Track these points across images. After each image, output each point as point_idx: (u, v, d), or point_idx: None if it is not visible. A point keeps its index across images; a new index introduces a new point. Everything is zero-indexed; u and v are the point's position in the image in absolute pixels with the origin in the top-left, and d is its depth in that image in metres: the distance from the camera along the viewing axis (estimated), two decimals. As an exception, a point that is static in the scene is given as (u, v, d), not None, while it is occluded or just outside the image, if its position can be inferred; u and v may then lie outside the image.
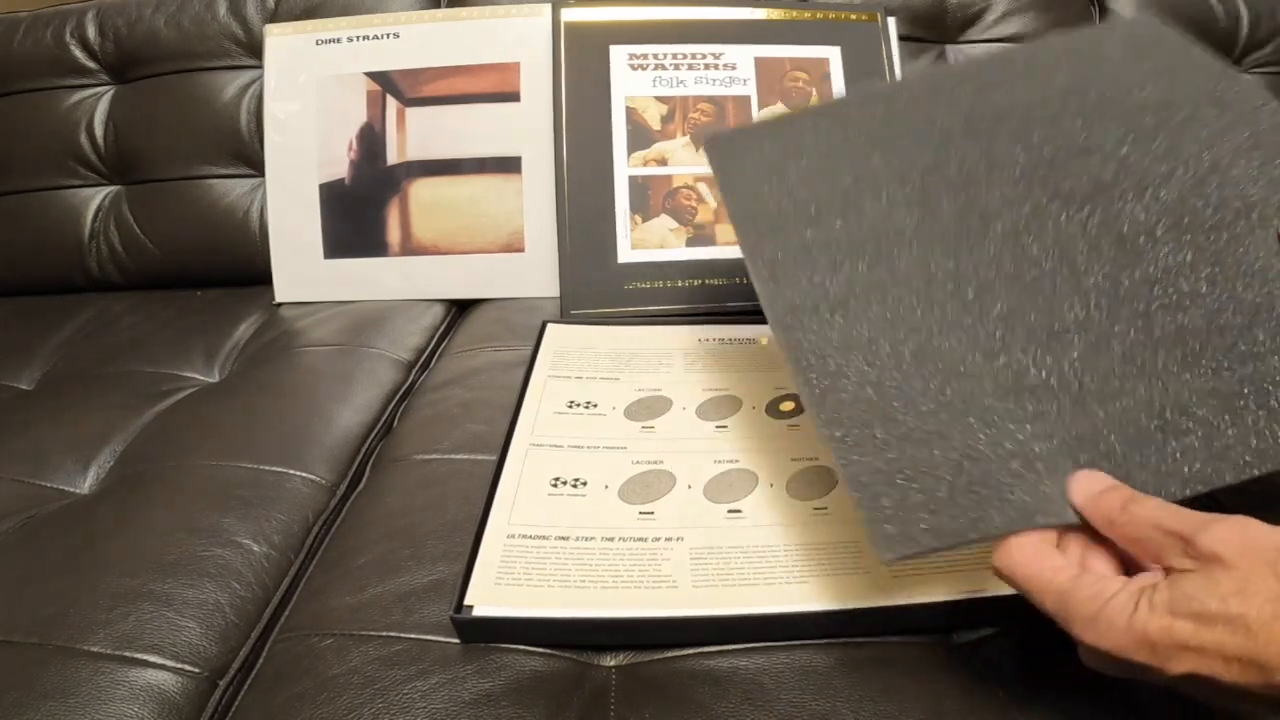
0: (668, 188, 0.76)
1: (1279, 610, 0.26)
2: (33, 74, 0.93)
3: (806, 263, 0.44)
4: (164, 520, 0.52)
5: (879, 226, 0.44)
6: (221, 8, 0.91)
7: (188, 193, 0.91)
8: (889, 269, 0.42)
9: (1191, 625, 0.27)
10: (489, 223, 0.81)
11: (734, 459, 0.50)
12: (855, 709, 0.36)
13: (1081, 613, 0.30)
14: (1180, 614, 0.28)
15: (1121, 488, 0.34)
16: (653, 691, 0.38)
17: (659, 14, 0.79)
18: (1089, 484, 0.34)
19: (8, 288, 0.95)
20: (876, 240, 0.44)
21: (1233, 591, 0.27)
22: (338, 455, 0.60)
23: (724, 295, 0.74)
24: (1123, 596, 0.29)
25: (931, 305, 0.41)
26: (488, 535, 0.45)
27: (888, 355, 0.39)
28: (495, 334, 0.73)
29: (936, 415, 0.37)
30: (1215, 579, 0.28)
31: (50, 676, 0.41)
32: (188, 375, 0.74)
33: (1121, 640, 0.29)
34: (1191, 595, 0.28)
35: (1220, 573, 0.28)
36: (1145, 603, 0.29)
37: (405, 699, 0.38)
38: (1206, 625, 0.27)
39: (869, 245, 0.44)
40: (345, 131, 0.82)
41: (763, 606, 0.40)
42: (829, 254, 0.44)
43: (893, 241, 0.43)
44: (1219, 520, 0.29)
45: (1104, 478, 0.34)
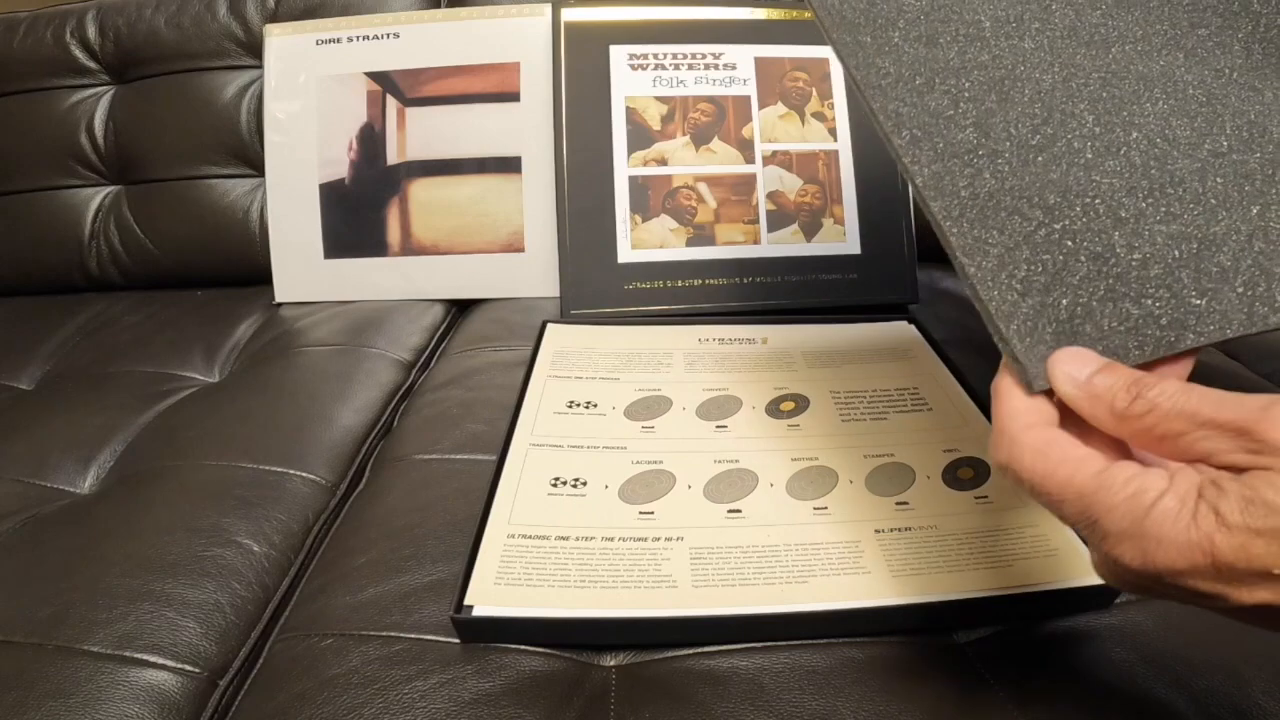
0: (668, 188, 0.76)
1: None
2: (33, 74, 0.93)
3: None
4: (164, 520, 0.52)
5: None
6: (221, 8, 0.91)
7: (188, 193, 0.91)
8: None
9: (1277, 545, 0.21)
10: (489, 223, 0.81)
11: (734, 459, 0.50)
12: (855, 709, 0.36)
13: (1115, 523, 0.23)
14: (1262, 530, 0.21)
15: (1118, 366, 0.26)
16: (653, 691, 0.38)
17: (659, 14, 0.79)
18: (1075, 366, 0.27)
19: (8, 288, 0.95)
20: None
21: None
22: (338, 455, 0.60)
23: (724, 295, 0.74)
24: (1170, 501, 0.23)
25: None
26: (488, 535, 0.45)
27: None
28: (495, 334, 0.73)
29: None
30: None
31: (50, 676, 0.41)
32: (188, 375, 0.74)
33: (1175, 561, 0.22)
34: (1277, 504, 0.21)
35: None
36: (1208, 510, 0.22)
37: (405, 699, 0.38)
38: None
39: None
40: (345, 131, 0.82)
41: (763, 606, 0.40)
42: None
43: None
44: (1278, 401, 0.23)
45: (1091, 355, 0.27)
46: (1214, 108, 0.36)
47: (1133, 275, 0.30)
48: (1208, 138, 0.35)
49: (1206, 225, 0.32)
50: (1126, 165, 0.33)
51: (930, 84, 0.35)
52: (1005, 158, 0.33)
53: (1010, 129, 0.34)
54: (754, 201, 0.76)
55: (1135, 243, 0.31)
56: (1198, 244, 0.31)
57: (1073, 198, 0.32)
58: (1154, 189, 0.33)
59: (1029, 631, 0.40)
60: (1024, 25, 0.38)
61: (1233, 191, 0.33)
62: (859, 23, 0.38)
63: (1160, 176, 0.33)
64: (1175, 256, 0.31)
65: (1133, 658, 0.38)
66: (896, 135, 0.34)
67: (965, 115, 0.34)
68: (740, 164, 0.77)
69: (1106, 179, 0.33)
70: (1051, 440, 0.26)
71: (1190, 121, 0.35)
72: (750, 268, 0.75)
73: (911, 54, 0.37)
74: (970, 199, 0.32)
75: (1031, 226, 0.31)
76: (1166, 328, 0.29)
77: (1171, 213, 0.32)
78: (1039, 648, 0.39)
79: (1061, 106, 0.35)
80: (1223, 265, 0.31)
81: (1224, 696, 0.36)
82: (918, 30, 0.37)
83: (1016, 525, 0.44)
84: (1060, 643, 0.39)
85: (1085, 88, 0.36)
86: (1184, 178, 0.33)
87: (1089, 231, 0.31)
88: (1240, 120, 0.35)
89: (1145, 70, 0.37)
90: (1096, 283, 0.30)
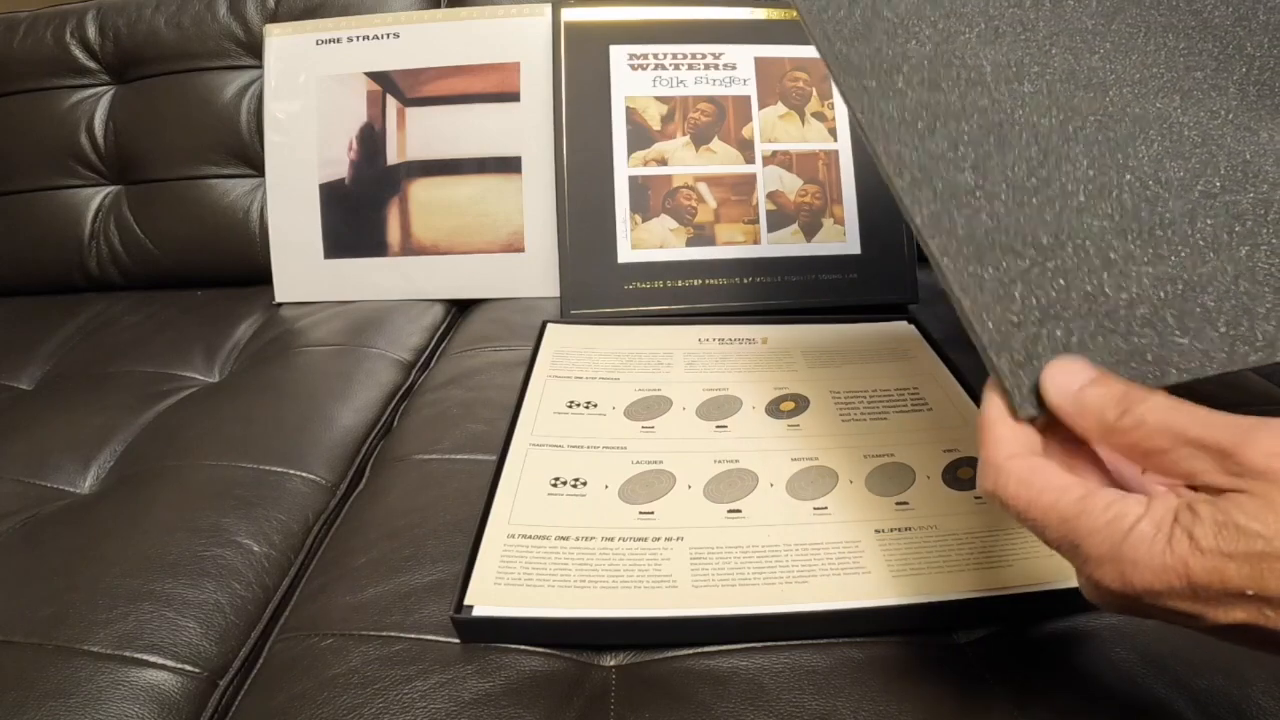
0: (668, 188, 0.76)
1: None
2: (33, 74, 0.93)
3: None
4: (164, 520, 0.52)
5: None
6: (221, 8, 0.91)
7: (188, 193, 0.91)
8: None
9: (1249, 567, 0.21)
10: (489, 223, 0.81)
11: (734, 459, 0.50)
12: (855, 709, 0.36)
13: (1095, 547, 0.24)
14: (1234, 553, 0.22)
15: (1110, 379, 0.27)
16: (653, 691, 0.38)
17: (659, 14, 0.79)
18: (1067, 377, 0.27)
19: (8, 288, 0.95)
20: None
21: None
22: (338, 455, 0.60)
23: (724, 295, 0.74)
24: (1147, 525, 0.23)
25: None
26: (488, 535, 0.45)
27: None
28: (495, 334, 0.73)
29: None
30: (1277, 507, 0.22)
31: (50, 676, 0.41)
32: (188, 375, 0.74)
33: (1152, 583, 0.23)
34: (1248, 528, 0.22)
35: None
36: (1182, 535, 0.22)
37: (405, 699, 0.38)
38: (1270, 568, 0.21)
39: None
40: (345, 131, 0.82)
41: (763, 606, 0.40)
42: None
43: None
44: (1263, 426, 0.23)
45: (1085, 366, 0.27)
46: (1209, 148, 0.37)
47: (1120, 314, 0.31)
48: (1200, 178, 0.36)
49: (1193, 267, 0.33)
50: (1118, 208, 0.35)
51: (931, 127, 0.36)
52: (1001, 199, 0.34)
53: (1007, 171, 0.35)
54: (754, 201, 0.76)
55: (1123, 283, 0.32)
56: (1183, 285, 0.32)
57: (1064, 239, 0.33)
58: (1143, 231, 0.34)
59: (1029, 631, 0.40)
60: (1024, 69, 0.39)
61: (1222, 233, 0.34)
62: (865, 68, 0.38)
63: (1150, 219, 0.34)
64: (1161, 297, 0.32)
65: (1133, 658, 0.38)
66: (899, 177, 0.35)
67: (964, 158, 0.35)
68: (740, 164, 0.77)
69: (1098, 221, 0.34)
70: (1035, 468, 0.26)
71: (1184, 162, 0.36)
72: (750, 268, 0.75)
73: (914, 98, 0.37)
74: (967, 237, 0.33)
75: (1025, 264, 0.32)
76: (1152, 363, 0.30)
77: (1159, 255, 0.33)
78: (1039, 648, 0.39)
79: (1058, 149, 0.36)
80: (1206, 306, 0.32)
81: (1224, 696, 0.36)
82: (921, 75, 0.38)
83: (1016, 525, 0.44)
84: (1060, 643, 0.39)
85: (1082, 130, 0.37)
86: (1174, 220, 0.34)
87: (1080, 271, 0.32)
88: (1235, 160, 0.37)
89: (1141, 112, 0.38)
90: (1087, 319, 0.31)
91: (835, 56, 0.39)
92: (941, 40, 0.39)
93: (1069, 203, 0.34)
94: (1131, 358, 0.30)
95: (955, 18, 0.40)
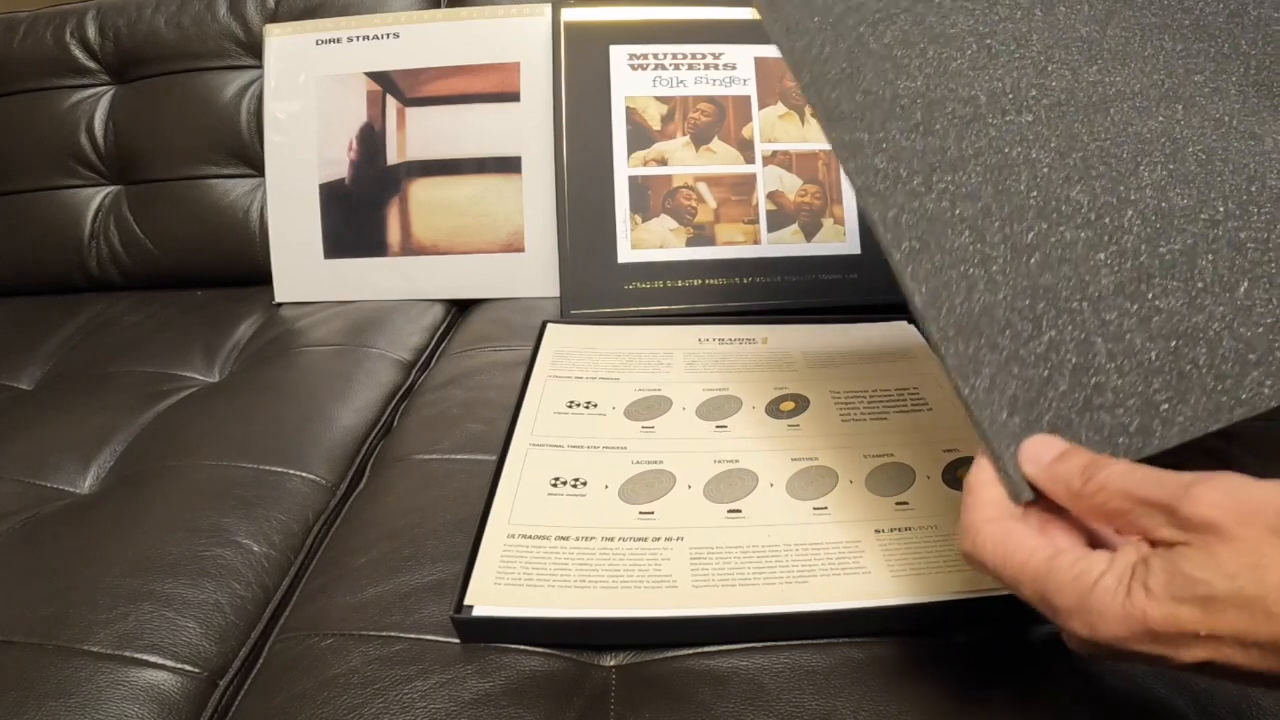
0: (668, 188, 0.76)
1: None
2: (33, 74, 0.93)
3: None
4: (164, 520, 0.52)
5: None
6: (221, 8, 0.91)
7: (188, 193, 0.91)
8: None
9: (1199, 611, 0.24)
10: (489, 223, 0.81)
11: (734, 459, 0.50)
12: (855, 709, 0.36)
13: (1064, 601, 0.26)
14: (1184, 598, 0.24)
15: (1078, 451, 0.29)
16: (653, 691, 0.38)
17: (659, 14, 0.79)
18: (1041, 451, 0.30)
19: (8, 288, 0.95)
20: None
21: (1243, 568, 0.23)
22: (338, 455, 0.60)
23: (724, 295, 0.74)
24: (1109, 579, 0.25)
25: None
26: (488, 535, 0.45)
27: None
28: (495, 334, 0.73)
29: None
30: (1217, 555, 0.24)
31: (50, 676, 0.41)
32: (188, 375, 0.74)
33: (1117, 631, 0.25)
34: (1194, 575, 0.24)
35: (1220, 546, 0.24)
36: (1139, 586, 0.25)
37: (405, 699, 0.38)
38: (1219, 610, 0.23)
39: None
40: (345, 131, 0.82)
41: (763, 606, 0.40)
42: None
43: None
44: (1203, 481, 0.25)
45: (1057, 442, 0.30)
46: (1213, 165, 0.37)
47: (1109, 385, 0.32)
48: (1205, 205, 0.36)
49: (1189, 316, 0.33)
50: (1118, 254, 0.34)
51: (928, 183, 0.36)
52: (999, 263, 0.34)
53: (1005, 229, 0.35)
54: (754, 201, 0.76)
55: (1115, 348, 0.33)
56: (1176, 340, 0.33)
57: (1061, 304, 0.34)
58: (1142, 279, 0.34)
59: (1029, 632, 0.40)
60: (1021, 95, 0.38)
61: (1222, 269, 0.34)
62: (854, 117, 0.37)
63: (1149, 263, 0.34)
64: (1151, 360, 0.33)
65: (1133, 658, 0.38)
66: (896, 249, 0.35)
67: (962, 217, 0.35)
68: (740, 164, 0.77)
69: (1094, 281, 0.34)
70: (1009, 531, 0.29)
71: (1187, 188, 0.36)
72: (750, 268, 0.75)
73: (909, 146, 0.37)
74: (965, 314, 0.34)
75: (1021, 341, 0.33)
76: (1134, 434, 0.32)
77: (1155, 308, 0.34)
78: (1038, 648, 0.39)
79: (1057, 192, 0.35)
80: (1196, 363, 0.33)
81: (1224, 696, 0.36)
82: (914, 118, 0.37)
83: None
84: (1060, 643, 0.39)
85: (1084, 161, 0.36)
86: (1174, 260, 0.34)
87: (1073, 341, 0.33)
88: (1240, 177, 0.36)
89: (1144, 130, 0.37)
90: (1076, 394, 0.32)
91: (824, 105, 0.38)
92: (933, 72, 0.38)
93: (1068, 255, 0.34)
94: (1116, 433, 0.32)
95: (945, 41, 0.39)
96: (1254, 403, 0.32)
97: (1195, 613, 0.24)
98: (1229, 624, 0.24)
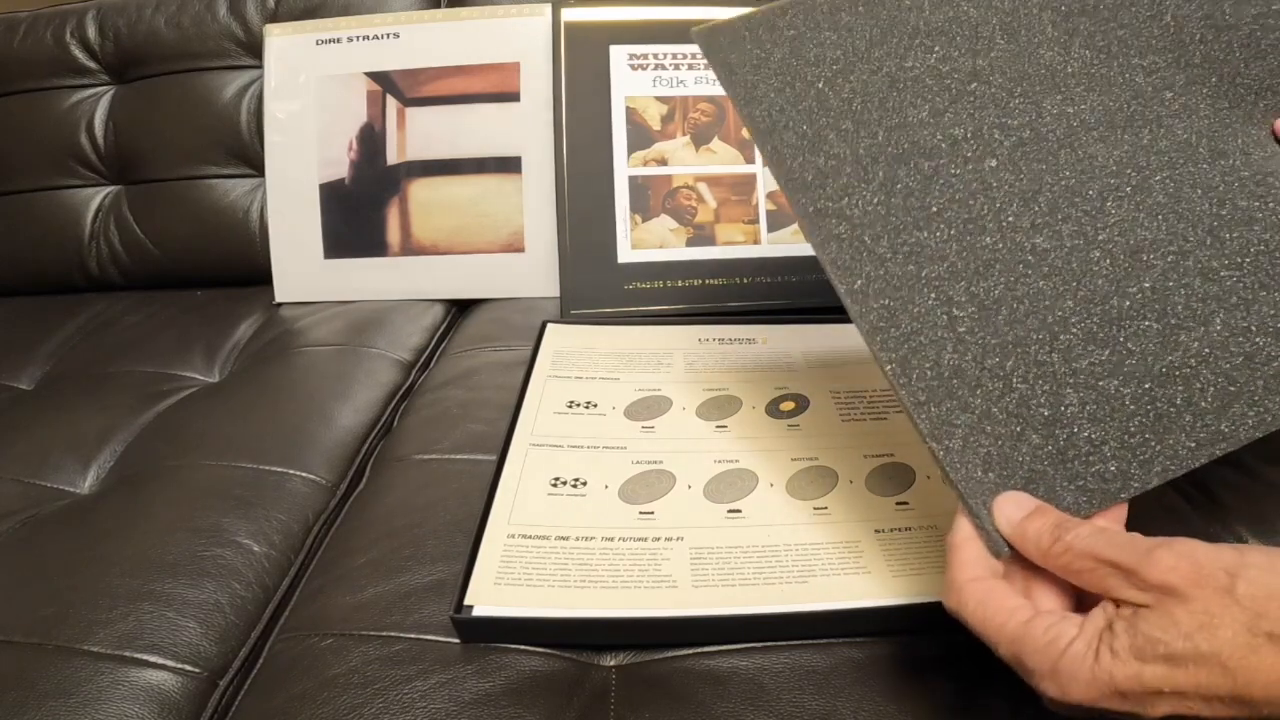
0: (668, 188, 0.76)
1: (1251, 642, 0.24)
2: (33, 74, 0.93)
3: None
4: (164, 520, 0.52)
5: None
6: (221, 8, 0.91)
7: (188, 193, 0.91)
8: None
9: (1162, 668, 0.25)
10: (489, 223, 0.81)
11: (734, 459, 0.50)
12: (855, 709, 0.36)
13: (1038, 664, 0.28)
14: (1147, 658, 0.26)
15: (1048, 510, 0.31)
16: (653, 691, 0.38)
17: (659, 14, 0.79)
18: (1012, 509, 0.32)
19: (8, 288, 0.95)
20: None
21: (1197, 627, 0.25)
22: (338, 455, 0.60)
23: (724, 295, 0.74)
24: (1079, 644, 0.27)
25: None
26: (488, 535, 0.45)
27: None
28: (495, 334, 0.73)
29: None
30: (1174, 615, 0.26)
31: (50, 676, 0.41)
32: (188, 375, 0.74)
33: (1088, 693, 0.26)
34: (1154, 636, 0.26)
35: (1177, 607, 0.26)
36: (1106, 649, 0.26)
37: (405, 699, 0.38)
38: (1179, 667, 0.25)
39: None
40: (345, 131, 0.82)
41: (763, 606, 0.40)
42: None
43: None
44: (1161, 546, 0.27)
45: (1027, 500, 0.32)
46: (1181, 192, 0.36)
47: (1082, 435, 0.33)
48: (1175, 236, 0.35)
49: (1162, 355, 0.33)
50: (1086, 300, 0.34)
51: (893, 247, 0.36)
52: (966, 323, 0.34)
53: (971, 287, 0.35)
54: (754, 201, 0.76)
55: (1087, 396, 0.33)
56: (1150, 383, 0.33)
57: (1030, 358, 0.34)
58: (1111, 323, 0.34)
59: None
60: (984, 139, 0.37)
61: (1194, 303, 0.34)
62: (817, 185, 0.37)
63: (1119, 305, 0.34)
64: (1126, 405, 0.33)
65: (1133, 658, 0.38)
66: (864, 320, 0.35)
67: (929, 280, 0.35)
68: (740, 164, 0.77)
69: (1063, 330, 0.34)
70: (990, 590, 0.30)
71: (1155, 220, 0.36)
72: (750, 268, 0.74)
73: (871, 211, 0.36)
74: (935, 378, 0.34)
75: (992, 399, 0.33)
76: (1111, 479, 0.32)
77: (1128, 350, 0.34)
78: (1039, 648, 0.39)
79: (1023, 243, 0.35)
80: (1173, 401, 0.33)
81: (1224, 696, 0.36)
82: (876, 178, 0.37)
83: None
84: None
85: (1049, 206, 0.36)
86: (1145, 300, 0.34)
87: (1044, 394, 0.33)
88: (1208, 202, 0.36)
89: (1109, 162, 0.37)
90: (1049, 447, 0.33)
91: (786, 175, 0.37)
92: (894, 125, 0.37)
93: (1036, 306, 0.34)
94: (1091, 481, 0.32)
95: (904, 87, 0.38)
96: (1236, 435, 0.33)
97: (1159, 670, 0.25)
98: (1190, 680, 0.25)
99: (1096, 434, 0.33)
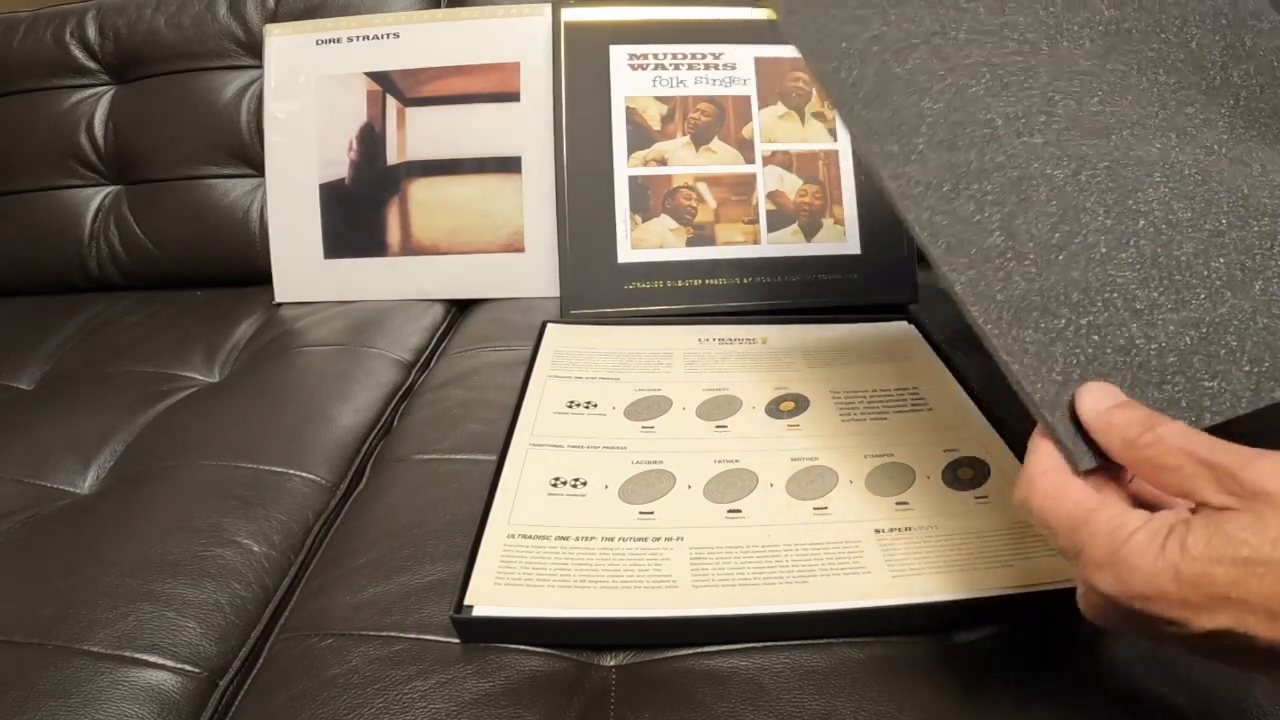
0: (668, 188, 0.76)
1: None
2: (33, 74, 0.93)
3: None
4: (164, 520, 0.52)
5: None
6: (221, 8, 0.91)
7: (188, 193, 0.91)
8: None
9: (1235, 571, 0.24)
10: (489, 223, 0.81)
11: (734, 459, 0.50)
12: (855, 709, 0.36)
13: (1097, 550, 0.27)
14: (1223, 559, 0.24)
15: (1136, 404, 0.30)
16: (653, 691, 0.38)
17: (659, 14, 0.79)
18: (1100, 396, 0.30)
19: (8, 288, 0.95)
20: None
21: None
22: (338, 455, 0.60)
23: (724, 295, 0.74)
24: (1143, 535, 0.26)
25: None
26: (488, 535, 0.45)
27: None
28: (495, 334, 0.73)
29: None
30: (1265, 519, 0.24)
31: (50, 676, 0.41)
32: (188, 375, 0.74)
33: (1143, 586, 0.25)
34: (1238, 537, 0.24)
35: (1271, 513, 0.24)
36: (1175, 543, 0.25)
37: (405, 699, 0.38)
38: (1254, 572, 0.24)
39: None
40: (345, 131, 0.82)
41: (763, 606, 0.40)
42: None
43: None
44: (1264, 454, 0.26)
45: (1115, 391, 0.31)
46: (1209, 185, 0.38)
47: (1153, 364, 0.33)
48: (1207, 217, 0.37)
49: (1213, 308, 0.35)
50: (1137, 256, 0.36)
51: (956, 190, 0.37)
52: (1031, 259, 0.36)
53: (1031, 229, 0.36)
54: (754, 201, 0.76)
55: (1151, 333, 0.34)
56: (1206, 328, 0.34)
57: (1093, 294, 0.35)
58: (1163, 277, 0.35)
59: (1029, 631, 0.40)
60: (1032, 120, 0.39)
61: (1235, 270, 0.36)
62: (885, 132, 0.39)
63: (1168, 263, 0.36)
64: (1187, 343, 0.34)
65: (1132, 658, 0.38)
66: (933, 245, 0.36)
67: (991, 219, 0.37)
68: (740, 164, 0.77)
69: (1120, 273, 0.36)
70: (1061, 483, 0.29)
71: (1190, 203, 0.38)
72: (750, 268, 0.74)
73: (936, 160, 0.38)
74: (1005, 301, 0.35)
75: (1061, 324, 0.34)
76: (1186, 410, 0.33)
77: (1181, 300, 0.35)
78: (1039, 648, 0.39)
79: (1074, 202, 0.37)
80: (1230, 346, 0.34)
81: (1224, 696, 0.36)
82: (939, 135, 0.39)
83: (1016, 525, 0.44)
84: (1060, 643, 0.39)
85: (1094, 179, 0.38)
86: (1189, 262, 0.36)
87: (1110, 325, 0.34)
88: (1234, 196, 0.38)
89: (1144, 154, 0.39)
90: (1124, 372, 0.33)
91: (857, 122, 0.40)
92: (953, 96, 0.40)
93: (1093, 254, 0.36)
94: (1167, 406, 0.32)
95: (961, 71, 0.41)
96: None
97: (1230, 572, 0.24)
98: (1263, 587, 0.24)
99: (1164, 363, 0.33)
